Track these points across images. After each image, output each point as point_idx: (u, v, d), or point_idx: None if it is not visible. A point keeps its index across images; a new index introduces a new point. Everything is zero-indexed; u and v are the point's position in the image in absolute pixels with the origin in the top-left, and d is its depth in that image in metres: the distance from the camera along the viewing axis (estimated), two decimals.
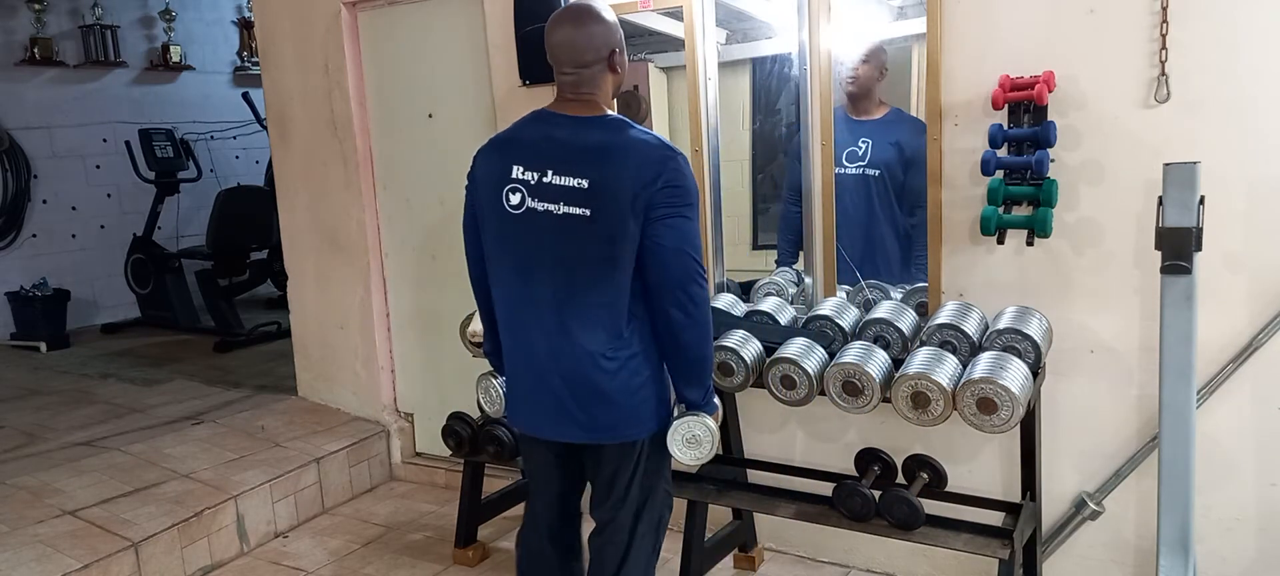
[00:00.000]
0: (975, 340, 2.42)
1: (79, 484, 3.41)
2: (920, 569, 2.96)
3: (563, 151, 1.93)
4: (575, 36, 1.95)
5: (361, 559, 3.32)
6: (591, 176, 1.89)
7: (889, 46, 2.91)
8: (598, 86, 1.98)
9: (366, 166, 3.92)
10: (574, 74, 1.96)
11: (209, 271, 6.16)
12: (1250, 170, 2.32)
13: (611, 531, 2.15)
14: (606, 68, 1.98)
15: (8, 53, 6.23)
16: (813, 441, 3.04)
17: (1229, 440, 2.47)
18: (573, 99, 1.99)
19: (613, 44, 1.98)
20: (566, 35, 1.96)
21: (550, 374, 2.02)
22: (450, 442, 3.19)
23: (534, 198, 1.93)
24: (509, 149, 1.99)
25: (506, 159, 1.97)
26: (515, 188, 1.95)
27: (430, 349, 3.94)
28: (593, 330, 1.97)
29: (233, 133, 7.16)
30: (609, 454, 2.09)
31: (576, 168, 1.90)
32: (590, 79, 1.97)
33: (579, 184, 1.89)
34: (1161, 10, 2.33)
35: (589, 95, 1.98)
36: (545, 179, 1.92)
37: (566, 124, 1.95)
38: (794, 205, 3.05)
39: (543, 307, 2.00)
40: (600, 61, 1.96)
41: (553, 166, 1.92)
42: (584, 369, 1.98)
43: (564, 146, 1.93)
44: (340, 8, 3.79)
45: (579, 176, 1.90)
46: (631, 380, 2.00)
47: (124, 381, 5.00)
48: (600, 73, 1.98)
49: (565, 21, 1.97)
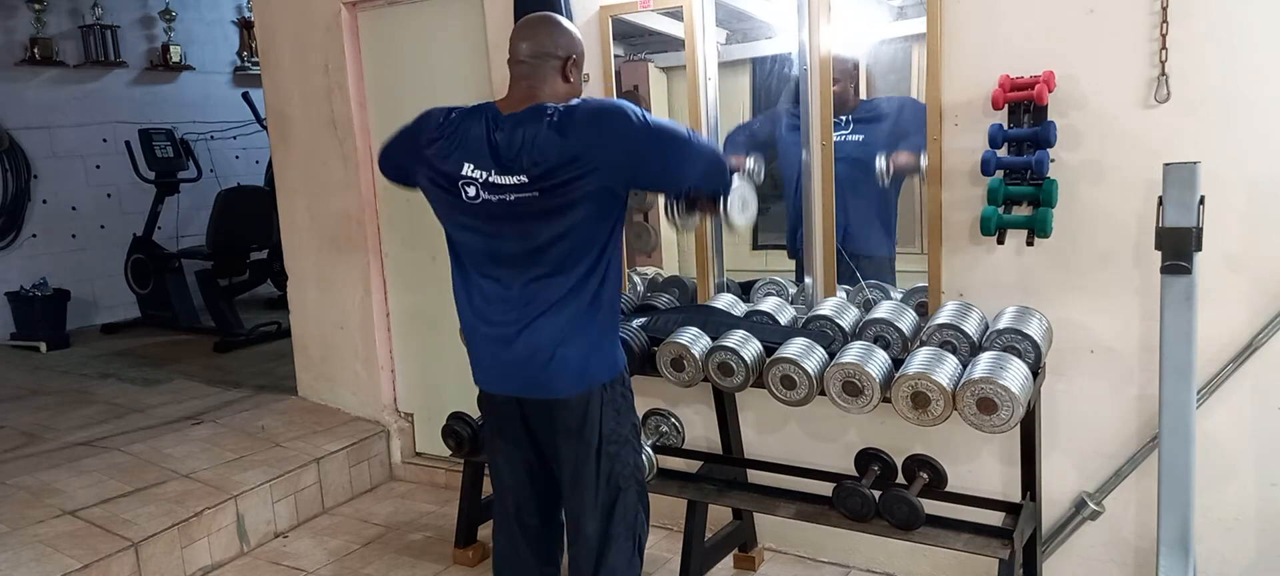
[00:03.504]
0: (975, 340, 2.42)
1: (79, 484, 3.42)
2: (920, 569, 2.96)
3: (502, 152, 1.98)
4: (537, 30, 2.06)
5: (361, 559, 3.33)
6: (529, 172, 1.95)
7: (889, 46, 2.91)
8: (545, 82, 2.04)
9: (366, 166, 3.92)
10: (527, 65, 2.04)
11: (209, 271, 6.16)
12: (1250, 170, 2.32)
13: (582, 537, 2.14)
14: (559, 69, 2.05)
15: (8, 53, 6.23)
16: (813, 441, 3.04)
17: (1229, 440, 2.47)
18: (520, 96, 2.04)
19: (572, 51, 2.07)
20: (530, 27, 2.08)
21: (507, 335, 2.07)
22: (450, 442, 3.19)
23: (486, 191, 2.01)
24: (456, 140, 2.04)
25: (460, 156, 2.03)
26: (469, 182, 2.02)
27: (430, 349, 3.94)
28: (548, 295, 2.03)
29: (233, 133, 7.16)
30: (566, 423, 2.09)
31: (514, 166, 1.96)
32: (540, 74, 2.04)
33: (520, 180, 1.96)
34: (1161, 10, 2.33)
35: (535, 91, 2.04)
36: (491, 178, 2.00)
37: (506, 123, 2.01)
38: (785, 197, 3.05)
39: (508, 276, 2.06)
40: (555, 58, 2.04)
41: (496, 167, 1.99)
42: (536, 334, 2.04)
43: (504, 147, 1.99)
44: (340, 8, 3.79)
45: (520, 173, 1.96)
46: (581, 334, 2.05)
47: (124, 381, 5.00)
48: (552, 71, 2.05)
49: (533, 19, 2.11)
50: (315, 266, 4.19)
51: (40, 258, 6.38)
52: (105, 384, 4.98)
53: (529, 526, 2.27)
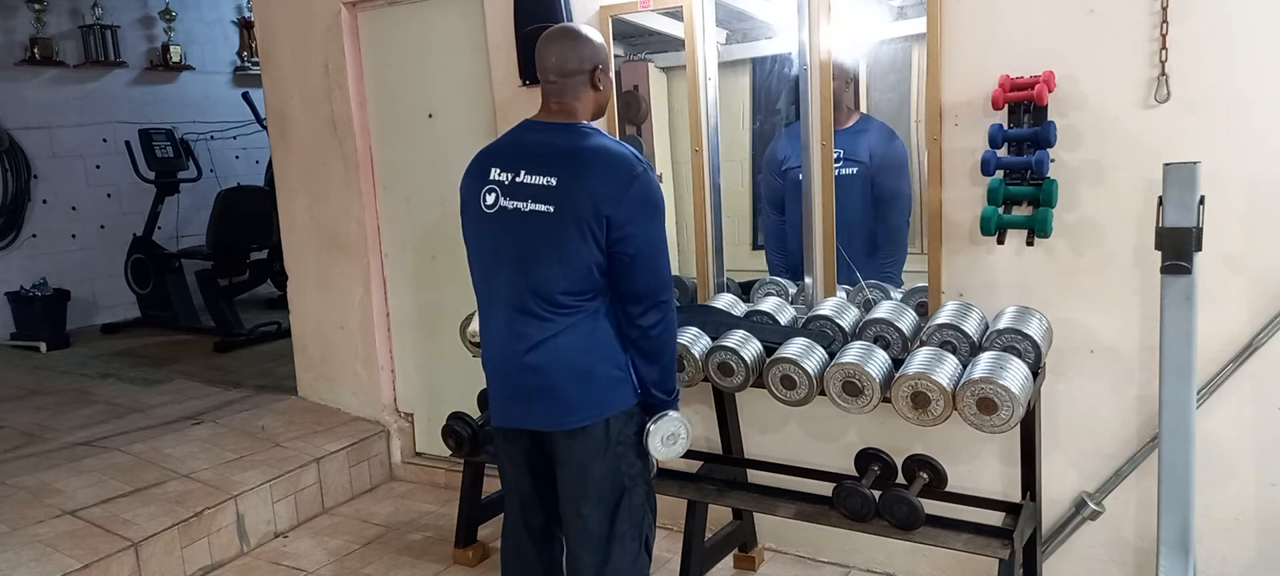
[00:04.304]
0: (975, 340, 2.42)
1: (79, 484, 3.42)
2: (920, 569, 2.96)
3: (535, 151, 2.05)
4: (563, 46, 2.08)
5: (361, 559, 3.33)
6: (559, 175, 1.99)
7: (889, 46, 2.91)
8: (578, 97, 2.09)
9: (366, 166, 3.92)
10: (557, 82, 2.08)
11: (209, 271, 6.15)
12: (1250, 170, 2.32)
13: (583, 537, 2.14)
14: (588, 81, 2.09)
15: (8, 53, 6.23)
16: (813, 441, 3.04)
17: (1229, 440, 2.47)
18: (555, 108, 2.10)
19: (597, 60, 2.10)
20: (555, 45, 2.09)
21: (511, 365, 2.10)
22: (450, 442, 3.19)
23: (506, 197, 2.05)
24: (490, 155, 2.13)
25: (486, 164, 2.11)
26: (491, 188, 2.07)
27: (430, 349, 3.94)
28: (546, 321, 2.04)
29: (233, 133, 7.16)
30: (571, 447, 2.10)
31: (546, 167, 2.01)
32: (572, 89, 2.08)
33: (547, 182, 2.00)
34: (1161, 10, 2.33)
35: (569, 105, 2.09)
36: (517, 178, 2.04)
37: (541, 129, 2.09)
38: (776, 214, 3.05)
39: (504, 303, 2.09)
40: (583, 73, 2.08)
41: (526, 166, 2.04)
42: (539, 360, 2.05)
43: (536, 147, 2.06)
44: (340, 8, 3.79)
45: (548, 175, 2.00)
46: (588, 366, 2.05)
47: (124, 381, 5.00)
48: (582, 84, 2.09)
49: (556, 34, 2.13)
50: (315, 266, 4.19)
51: (40, 258, 6.38)
52: (105, 384, 4.98)
53: (533, 525, 2.28)
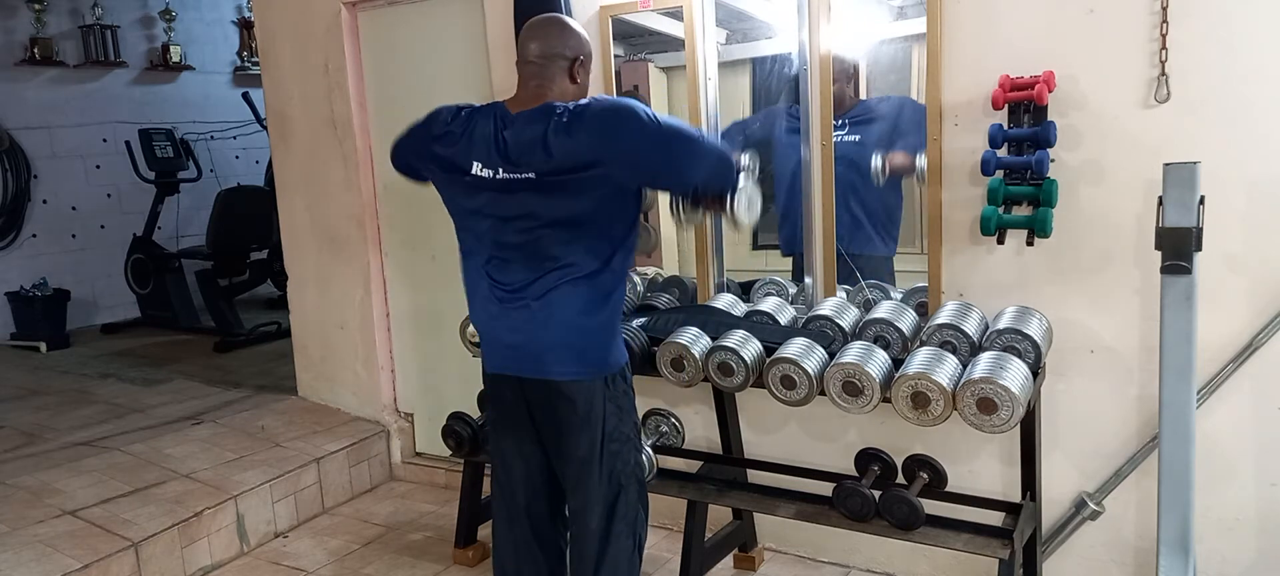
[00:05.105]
0: (975, 340, 2.42)
1: (79, 484, 3.42)
2: (920, 569, 2.96)
3: (513, 149, 2.04)
4: (550, 29, 2.11)
5: (361, 559, 3.33)
6: (538, 169, 2.00)
7: (889, 46, 2.91)
8: (554, 82, 2.09)
9: (366, 166, 3.92)
10: (537, 65, 2.09)
11: (209, 271, 6.16)
12: (1250, 170, 2.32)
13: (584, 532, 2.16)
14: (567, 70, 2.10)
15: (8, 53, 6.23)
16: (813, 441, 3.04)
17: (1229, 440, 2.47)
18: (530, 95, 2.09)
19: (579, 52, 2.11)
20: (541, 28, 2.12)
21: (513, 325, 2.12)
22: (450, 442, 3.19)
23: (494, 188, 2.06)
24: (468, 141, 2.10)
25: (468, 153, 2.09)
26: (476, 179, 2.08)
27: (430, 349, 3.94)
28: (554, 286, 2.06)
29: (233, 133, 7.16)
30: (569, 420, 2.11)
31: (524, 162, 2.01)
32: (549, 74, 2.09)
33: (528, 176, 2.01)
34: (1161, 10, 2.33)
35: (543, 92, 2.08)
36: (499, 176, 2.05)
37: (515, 122, 2.06)
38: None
39: (513, 272, 2.10)
40: (563, 59, 2.09)
41: (504, 164, 2.04)
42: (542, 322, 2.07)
43: (513, 146, 2.04)
44: (340, 8, 3.79)
45: (527, 170, 2.01)
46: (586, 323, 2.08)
47: (124, 381, 5.00)
48: (560, 72, 2.09)
49: (544, 19, 2.16)
50: (315, 266, 4.19)
51: (40, 258, 6.38)
52: (105, 384, 4.98)
53: (539, 517, 2.29)
